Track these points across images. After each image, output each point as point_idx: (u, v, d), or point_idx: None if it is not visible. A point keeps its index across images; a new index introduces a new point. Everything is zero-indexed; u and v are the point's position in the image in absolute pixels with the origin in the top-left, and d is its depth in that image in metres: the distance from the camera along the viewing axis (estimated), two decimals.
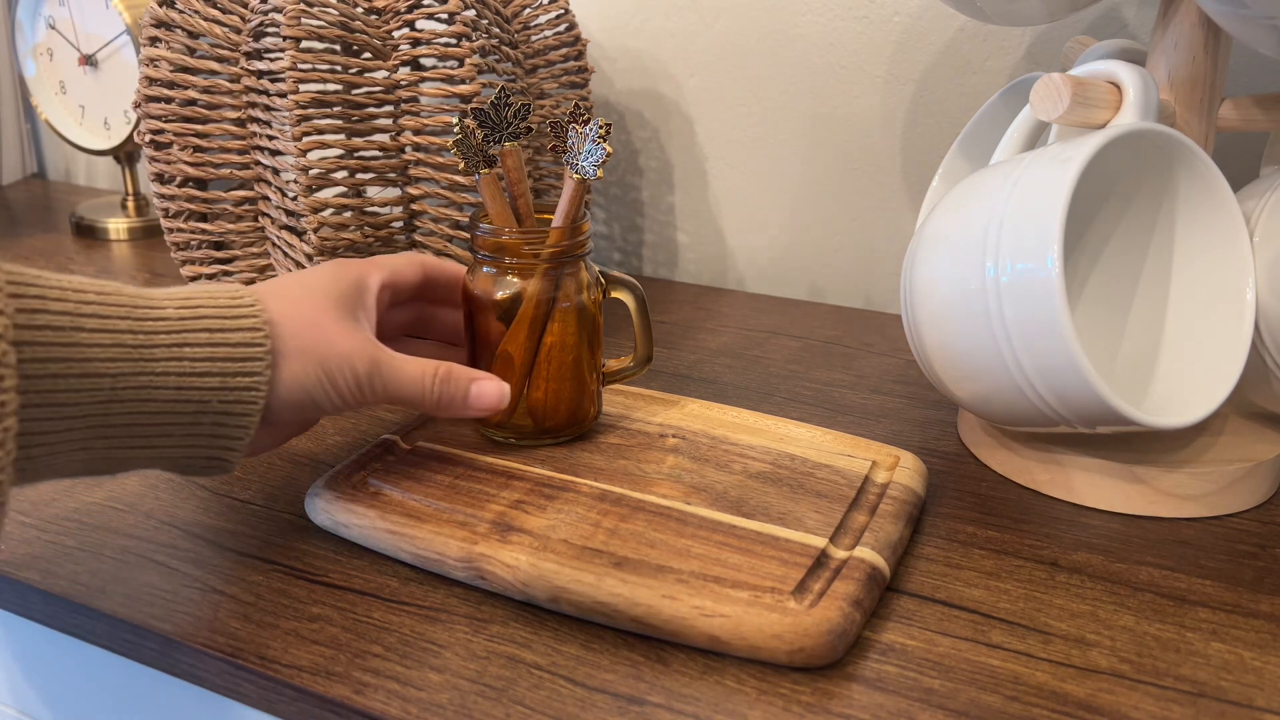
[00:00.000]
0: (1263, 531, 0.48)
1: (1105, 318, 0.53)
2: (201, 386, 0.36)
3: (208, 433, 0.38)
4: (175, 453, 0.38)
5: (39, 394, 0.32)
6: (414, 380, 0.44)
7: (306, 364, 0.40)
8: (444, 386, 0.45)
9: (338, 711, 0.36)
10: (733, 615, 0.38)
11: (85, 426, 0.34)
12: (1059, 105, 0.46)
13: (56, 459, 0.34)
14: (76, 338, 0.33)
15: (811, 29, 0.79)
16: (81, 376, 0.33)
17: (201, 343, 0.37)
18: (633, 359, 0.54)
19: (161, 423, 0.36)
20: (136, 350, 0.35)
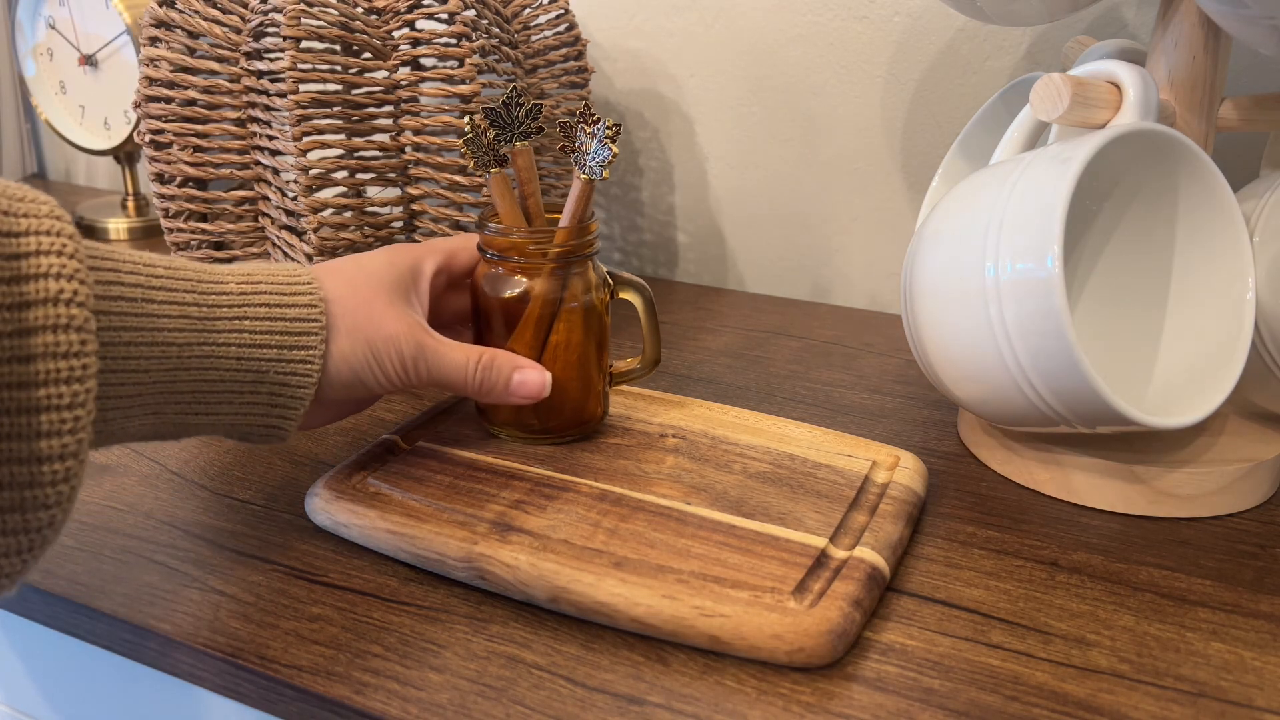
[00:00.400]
0: (1263, 531, 0.48)
1: (1105, 318, 0.53)
2: (260, 358, 0.38)
3: (265, 401, 0.40)
4: (236, 419, 0.40)
5: (114, 360, 0.34)
6: (458, 366, 0.45)
7: (355, 343, 0.42)
8: (486, 373, 0.46)
9: (338, 711, 0.36)
10: (733, 615, 0.38)
11: (154, 392, 0.36)
12: (1059, 105, 0.46)
13: (130, 422, 0.36)
14: (148, 308, 0.35)
15: (811, 29, 0.79)
16: (151, 345, 0.35)
17: (261, 316, 0.39)
18: (640, 360, 0.54)
19: (223, 390, 0.38)
20: (201, 321, 0.37)
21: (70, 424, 0.30)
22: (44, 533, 0.30)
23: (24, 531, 0.30)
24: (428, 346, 0.44)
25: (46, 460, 0.30)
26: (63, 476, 0.30)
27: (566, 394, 0.51)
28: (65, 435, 0.30)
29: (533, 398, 0.47)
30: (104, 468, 0.52)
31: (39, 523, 0.30)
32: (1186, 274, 0.50)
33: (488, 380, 0.46)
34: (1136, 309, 0.52)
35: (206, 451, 0.54)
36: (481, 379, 0.46)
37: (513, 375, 0.47)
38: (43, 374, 0.29)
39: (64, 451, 0.30)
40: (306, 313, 0.40)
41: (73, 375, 0.30)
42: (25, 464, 0.29)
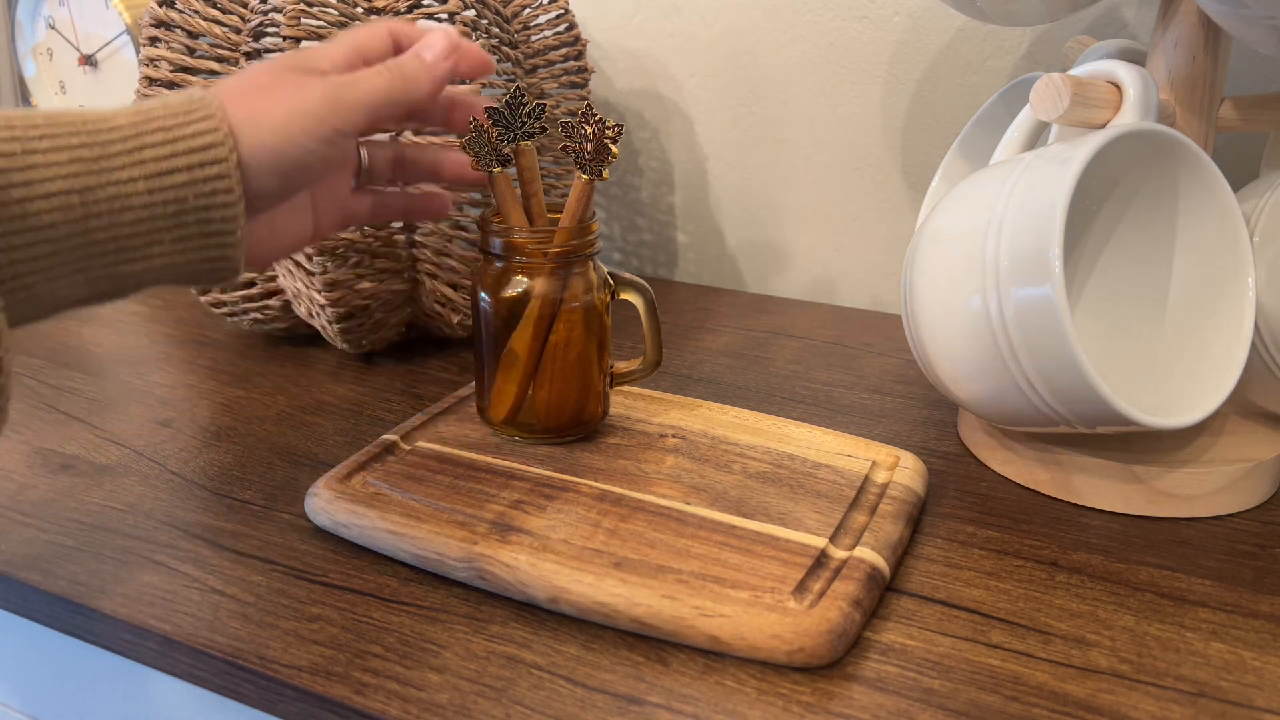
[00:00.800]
0: (1263, 531, 0.48)
1: (1105, 318, 0.53)
2: (171, 185, 0.36)
3: (196, 232, 0.37)
4: (174, 258, 0.37)
5: (11, 221, 0.32)
6: (378, 86, 0.42)
7: (262, 130, 0.38)
8: (402, 75, 0.42)
9: (338, 711, 0.36)
10: (733, 615, 0.38)
11: (72, 247, 0.34)
12: (1059, 105, 0.46)
13: (57, 285, 0.34)
14: (30, 160, 0.33)
15: (811, 29, 0.79)
16: (47, 197, 0.33)
17: (159, 142, 0.36)
18: (641, 361, 0.54)
19: (145, 230, 0.36)
20: (95, 163, 0.35)
21: None
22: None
23: None
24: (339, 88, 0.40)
25: None
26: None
27: (567, 394, 0.51)
28: None
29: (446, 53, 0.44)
30: (104, 468, 0.52)
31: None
32: (1186, 274, 0.50)
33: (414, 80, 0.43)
34: (1136, 309, 0.52)
35: (206, 451, 0.54)
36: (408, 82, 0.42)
37: (421, 55, 0.43)
38: None
39: None
40: (206, 125, 0.37)
41: None
42: None
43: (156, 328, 0.74)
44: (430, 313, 0.66)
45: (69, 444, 0.55)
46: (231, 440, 0.56)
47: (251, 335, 0.72)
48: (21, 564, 0.44)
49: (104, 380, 0.64)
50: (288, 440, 0.56)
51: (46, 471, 0.52)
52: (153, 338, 0.72)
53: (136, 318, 0.76)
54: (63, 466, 0.53)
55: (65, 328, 0.73)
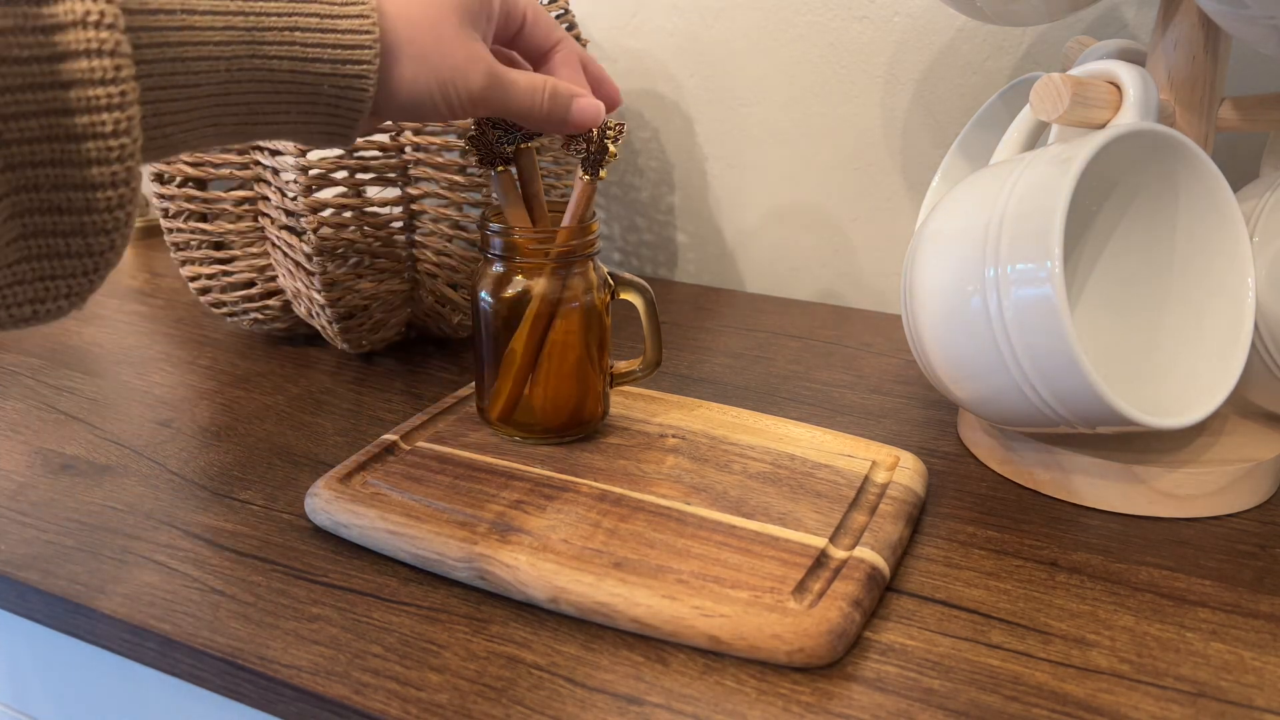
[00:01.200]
0: (1263, 531, 0.48)
1: (1105, 318, 0.53)
2: (313, 72, 0.38)
3: (324, 114, 0.39)
4: (296, 128, 0.39)
5: (163, 77, 0.34)
6: (527, 95, 0.44)
7: (420, 72, 0.40)
8: (552, 101, 0.45)
9: (338, 711, 0.36)
10: (732, 615, 0.38)
11: (210, 105, 0.36)
12: (1059, 105, 0.46)
13: (190, 135, 0.36)
14: (190, 20, 0.34)
15: (811, 29, 0.79)
16: (198, 59, 0.35)
17: (311, 28, 0.38)
18: (641, 362, 0.54)
19: (279, 103, 0.38)
20: (248, 34, 0.36)
21: (117, 151, 0.30)
22: (106, 255, 0.32)
23: (86, 254, 0.31)
24: (499, 77, 0.43)
25: (98, 187, 0.30)
26: (116, 203, 0.31)
27: (566, 394, 0.51)
28: (114, 164, 0.30)
29: (590, 124, 0.46)
30: (104, 468, 0.52)
31: (100, 246, 0.31)
32: (1186, 274, 0.50)
33: (553, 108, 0.45)
34: (1137, 309, 0.52)
35: (207, 452, 0.54)
36: (548, 107, 0.45)
37: (572, 103, 0.46)
38: (85, 100, 0.30)
39: (114, 179, 0.31)
40: (359, 24, 0.38)
41: (111, 102, 0.30)
42: (80, 190, 0.30)
43: (156, 328, 0.74)
44: (430, 313, 0.66)
45: (69, 444, 0.55)
46: (231, 440, 0.56)
47: (251, 335, 0.72)
48: (21, 564, 0.44)
49: (104, 380, 0.64)
50: (288, 440, 0.56)
51: (46, 471, 0.52)
52: (153, 338, 0.72)
53: (136, 317, 0.76)
54: (63, 466, 0.53)
55: (65, 328, 0.73)
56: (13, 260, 0.31)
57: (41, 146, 0.30)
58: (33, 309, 0.32)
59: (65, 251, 0.31)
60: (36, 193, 0.30)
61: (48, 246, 0.31)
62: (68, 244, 0.31)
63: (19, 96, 0.29)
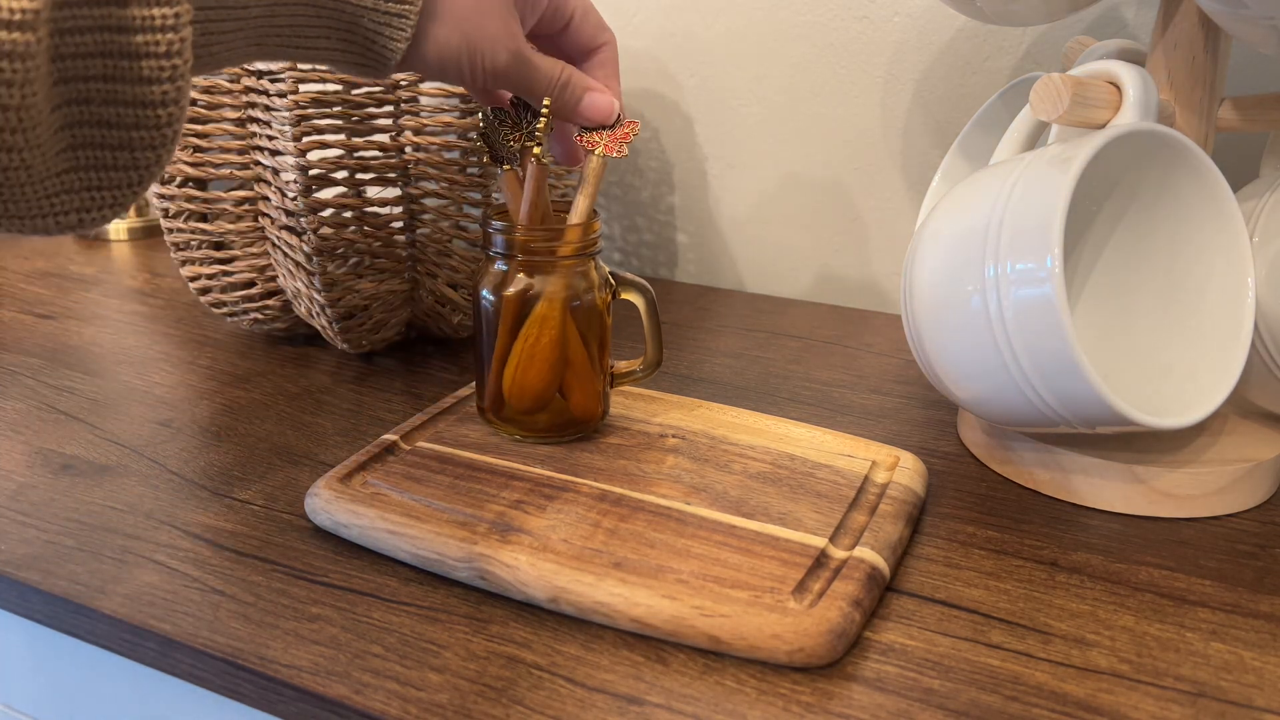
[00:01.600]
0: (1263, 531, 0.48)
1: (1105, 318, 0.53)
2: (356, 4, 0.39)
3: (360, 46, 0.41)
4: (334, 55, 0.41)
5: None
6: (545, 79, 0.46)
7: (453, 35, 0.42)
8: (563, 90, 0.47)
9: (338, 711, 0.36)
10: (732, 615, 0.38)
11: (255, 26, 0.37)
12: (1059, 105, 0.46)
13: (233, 53, 0.38)
14: None
15: (811, 29, 0.79)
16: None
17: None
18: (642, 362, 0.54)
19: (320, 29, 0.39)
20: None
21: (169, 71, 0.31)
22: (151, 169, 0.33)
23: (132, 168, 0.33)
24: (524, 56, 0.44)
25: (149, 105, 0.31)
26: (165, 120, 0.32)
27: (567, 393, 0.51)
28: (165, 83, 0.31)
29: (600, 120, 0.48)
30: (104, 468, 0.52)
31: (146, 160, 0.33)
32: (1186, 274, 0.50)
33: (564, 97, 0.47)
34: (1136, 309, 0.52)
35: (207, 452, 0.54)
36: (559, 94, 0.46)
37: (584, 95, 0.47)
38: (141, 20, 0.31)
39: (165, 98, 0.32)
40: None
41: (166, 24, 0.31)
42: (130, 106, 0.31)
43: (156, 328, 0.74)
44: (430, 313, 0.66)
45: (69, 444, 0.55)
46: (231, 440, 0.56)
47: (251, 335, 0.72)
48: (21, 564, 0.44)
49: (104, 380, 0.64)
50: (288, 440, 0.56)
51: (46, 471, 0.52)
52: (153, 338, 0.72)
53: (137, 317, 0.76)
54: (63, 466, 0.53)
55: (65, 328, 0.73)
56: (61, 169, 0.31)
57: (96, 62, 0.30)
58: (79, 217, 0.33)
59: (112, 164, 0.32)
60: (88, 106, 0.31)
61: (96, 158, 0.32)
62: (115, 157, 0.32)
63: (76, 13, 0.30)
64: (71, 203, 0.32)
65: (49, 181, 0.31)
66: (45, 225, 0.32)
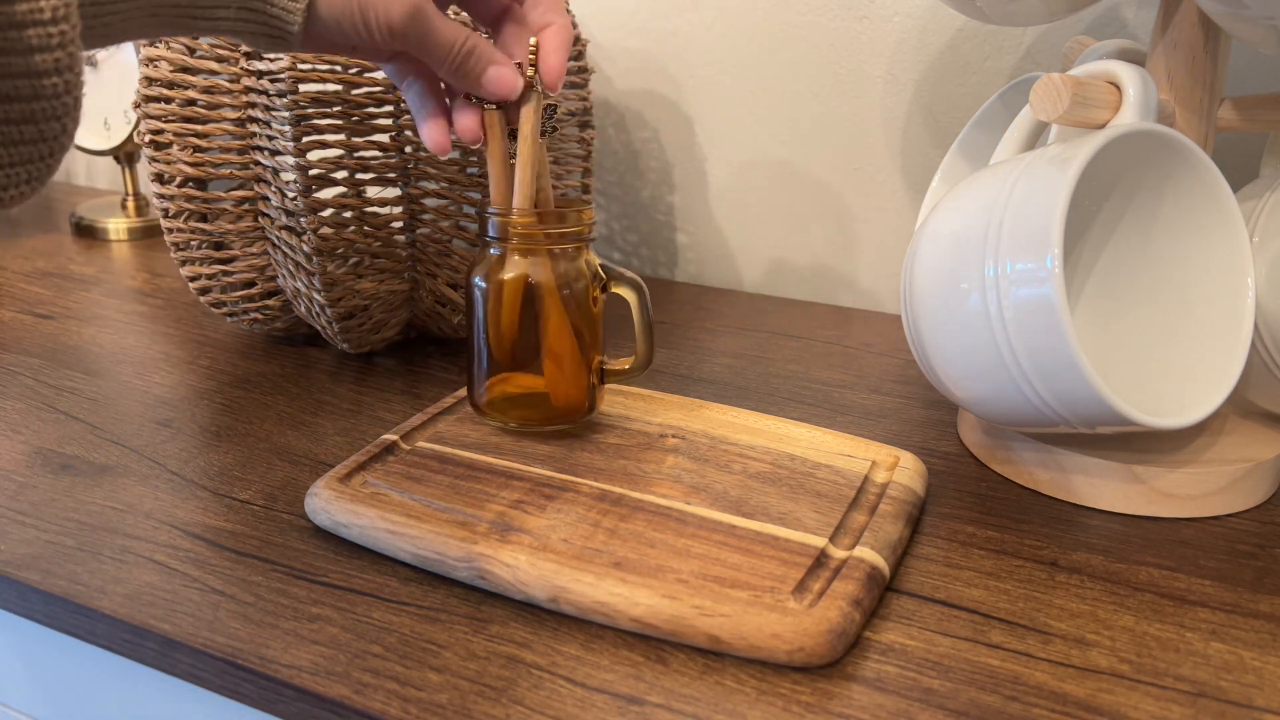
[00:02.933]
0: (1263, 531, 0.48)
1: (1105, 317, 0.53)
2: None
3: (259, 18, 0.40)
4: (236, 25, 0.40)
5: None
6: (446, 43, 0.44)
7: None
8: (466, 58, 0.45)
9: (338, 711, 0.36)
10: (732, 615, 0.38)
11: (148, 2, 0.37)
12: (1059, 105, 0.46)
13: (130, 24, 0.37)
14: None
15: (811, 29, 0.79)
16: None
17: None
18: (632, 361, 0.54)
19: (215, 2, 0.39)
20: None
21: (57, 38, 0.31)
22: (60, 139, 0.33)
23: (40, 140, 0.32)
24: (423, 14, 0.43)
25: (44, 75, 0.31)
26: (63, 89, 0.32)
27: (553, 383, 0.51)
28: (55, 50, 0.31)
29: (503, 95, 0.46)
30: (104, 468, 0.52)
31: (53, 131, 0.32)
32: (1186, 274, 0.50)
33: (466, 65, 0.45)
34: (1136, 309, 0.52)
35: (206, 452, 0.54)
36: (460, 62, 0.45)
37: (489, 68, 0.45)
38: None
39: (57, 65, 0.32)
40: None
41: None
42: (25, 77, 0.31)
43: (156, 328, 0.74)
44: (430, 313, 0.66)
45: (69, 444, 0.55)
46: (231, 440, 0.56)
47: (251, 335, 0.72)
48: (21, 564, 0.44)
49: (104, 380, 0.64)
50: (288, 440, 0.56)
51: (46, 471, 0.52)
52: (153, 338, 0.72)
53: (136, 317, 0.76)
54: (63, 466, 0.53)
55: (65, 328, 0.73)
56: None
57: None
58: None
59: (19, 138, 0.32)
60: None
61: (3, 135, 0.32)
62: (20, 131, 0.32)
63: None
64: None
65: None
66: None
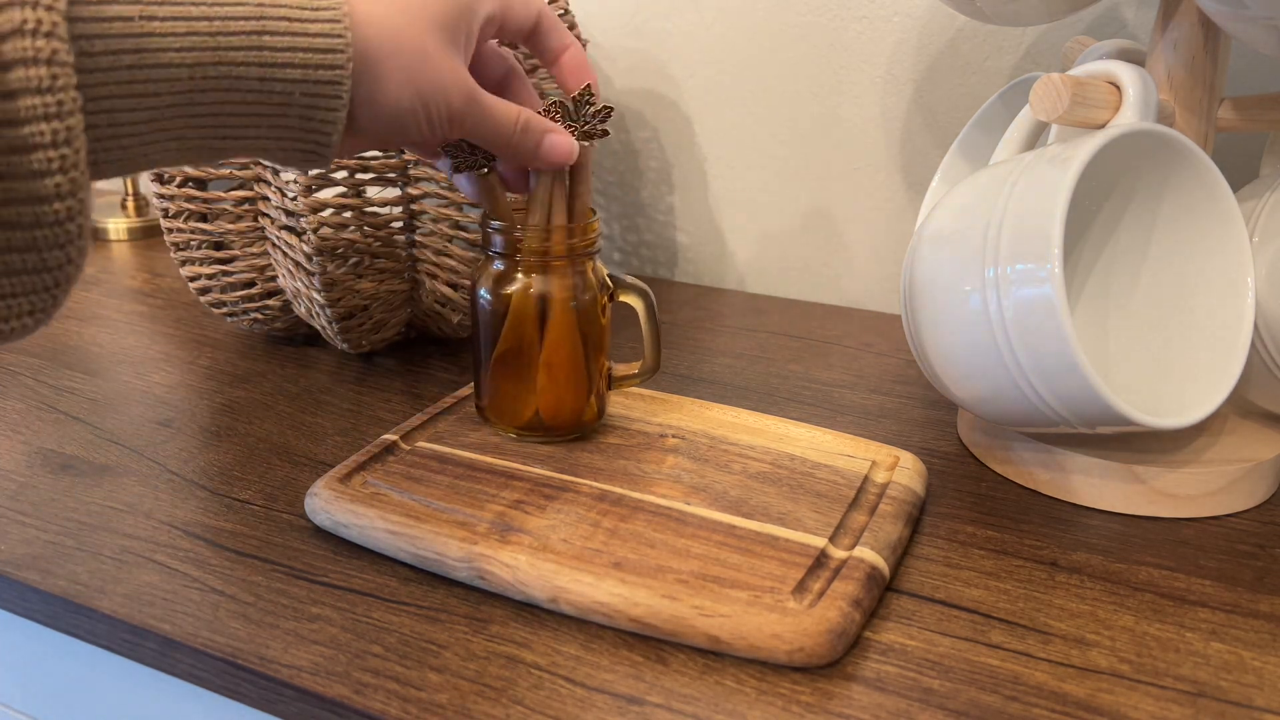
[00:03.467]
0: (1263, 531, 0.48)
1: (1105, 317, 0.53)
2: (283, 79, 0.36)
3: (297, 127, 0.37)
4: (268, 144, 0.38)
5: (117, 85, 0.33)
6: (503, 123, 0.44)
7: (403, 89, 0.39)
8: (523, 135, 0.45)
9: (338, 711, 0.36)
10: (732, 615, 0.38)
11: (172, 117, 0.34)
12: (1059, 105, 0.46)
13: (151, 149, 0.35)
14: (149, 27, 0.33)
15: (811, 29, 0.79)
16: (156, 67, 0.33)
17: (281, 31, 0.36)
18: (640, 366, 0.54)
19: (248, 114, 0.36)
20: (213, 39, 0.35)
21: (58, 162, 0.30)
22: (66, 269, 0.32)
23: (44, 269, 0.31)
24: (478, 101, 0.42)
25: (46, 200, 0.30)
26: (65, 215, 0.30)
27: (563, 394, 0.51)
28: (57, 175, 0.30)
29: (559, 163, 0.46)
30: (104, 468, 0.52)
31: (57, 260, 0.31)
32: (1186, 274, 0.50)
33: (523, 140, 0.45)
34: (1136, 309, 0.52)
35: (206, 452, 0.54)
36: (519, 139, 0.45)
37: (544, 138, 0.46)
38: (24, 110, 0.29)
39: (59, 191, 0.30)
40: (330, 28, 0.37)
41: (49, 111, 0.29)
42: (28, 204, 0.30)
43: (156, 328, 0.74)
44: (430, 313, 0.66)
45: (69, 444, 0.55)
46: (231, 440, 0.56)
47: (251, 335, 0.72)
48: (21, 564, 0.44)
49: (104, 380, 0.64)
50: (288, 440, 0.56)
51: (46, 471, 0.52)
52: (153, 338, 0.72)
53: (136, 317, 0.76)
54: (63, 466, 0.53)
55: (65, 328, 0.73)
56: None
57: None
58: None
59: (22, 268, 0.31)
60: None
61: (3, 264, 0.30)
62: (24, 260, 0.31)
63: None
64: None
65: None
66: None
